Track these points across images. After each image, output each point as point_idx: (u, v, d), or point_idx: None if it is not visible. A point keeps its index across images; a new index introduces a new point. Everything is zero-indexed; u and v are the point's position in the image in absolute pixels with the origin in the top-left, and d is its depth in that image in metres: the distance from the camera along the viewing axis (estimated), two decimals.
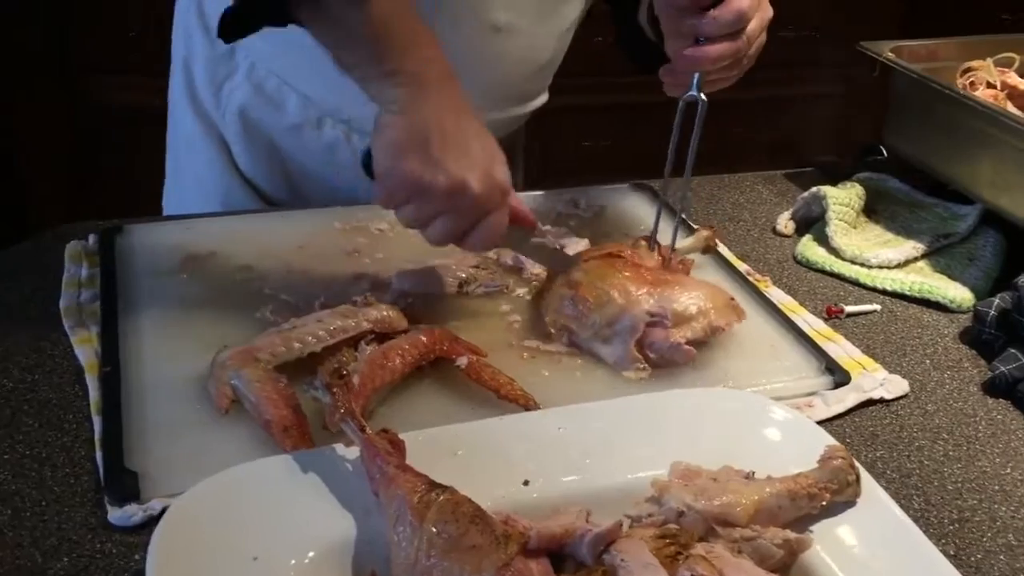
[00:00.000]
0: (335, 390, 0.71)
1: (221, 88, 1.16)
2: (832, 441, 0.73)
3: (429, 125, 0.81)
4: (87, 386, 0.85)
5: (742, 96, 0.99)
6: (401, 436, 0.70)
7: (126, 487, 0.74)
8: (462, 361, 0.86)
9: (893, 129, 1.28)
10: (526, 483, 0.70)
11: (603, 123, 2.75)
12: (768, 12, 0.91)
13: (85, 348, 0.89)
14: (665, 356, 0.89)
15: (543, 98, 1.23)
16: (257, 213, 1.12)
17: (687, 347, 0.89)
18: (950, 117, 1.17)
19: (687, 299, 0.91)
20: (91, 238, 1.05)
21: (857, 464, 0.70)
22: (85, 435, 0.80)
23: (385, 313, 0.90)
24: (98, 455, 0.77)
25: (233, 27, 0.83)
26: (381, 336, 0.88)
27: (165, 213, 1.28)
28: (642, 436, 0.75)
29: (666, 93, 0.96)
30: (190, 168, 1.23)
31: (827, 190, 1.19)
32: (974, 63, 1.21)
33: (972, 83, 1.20)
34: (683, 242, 1.05)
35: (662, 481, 0.68)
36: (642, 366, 0.89)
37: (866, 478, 0.71)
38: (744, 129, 2.64)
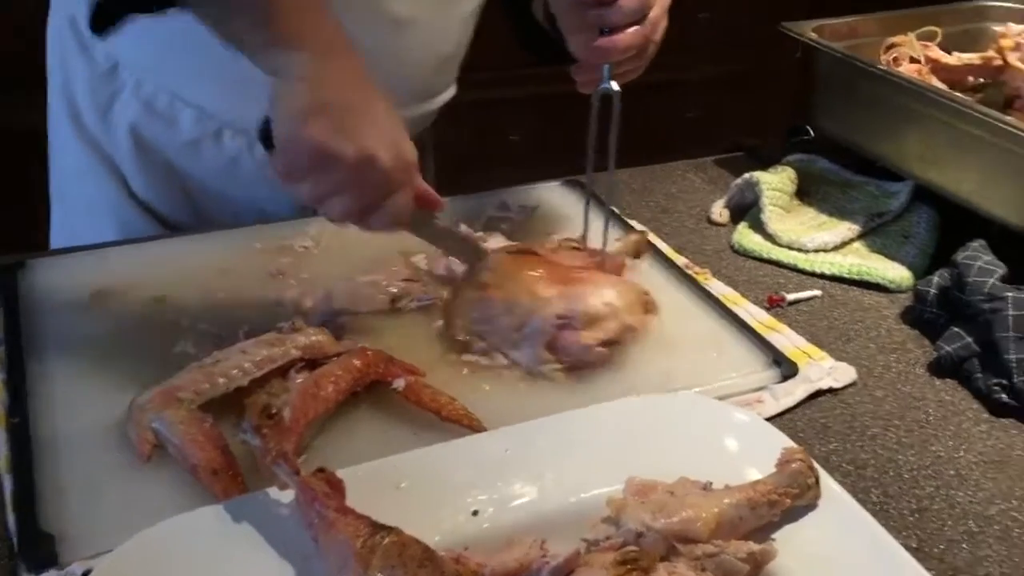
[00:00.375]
0: (264, 431, 0.66)
1: (108, 110, 1.09)
2: (789, 443, 0.71)
3: (334, 92, 0.76)
4: None
5: (652, 80, 0.97)
6: (339, 473, 0.66)
7: (42, 551, 0.68)
8: (399, 383, 0.81)
9: (819, 109, 1.27)
10: (475, 513, 0.66)
11: (527, 115, 2.73)
12: (666, 1, 0.90)
13: None
14: (578, 359, 0.87)
15: (450, 92, 1.18)
16: (171, 238, 1.06)
17: (599, 348, 0.86)
18: (876, 95, 1.16)
19: (597, 299, 0.88)
20: None
21: (816, 465, 0.68)
22: None
23: (314, 338, 0.85)
24: (10, 518, 0.71)
25: (104, 17, 0.77)
26: (312, 363, 0.84)
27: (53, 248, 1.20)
28: (592, 451, 0.71)
29: (581, 91, 0.94)
30: (80, 198, 1.15)
31: (759, 175, 1.17)
32: (897, 39, 1.20)
33: (895, 59, 1.19)
34: (612, 246, 1.02)
35: (617, 499, 0.65)
36: (556, 366, 0.86)
37: (824, 477, 0.69)
38: (663, 114, 2.64)
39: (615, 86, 0.90)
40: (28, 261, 0.99)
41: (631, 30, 0.87)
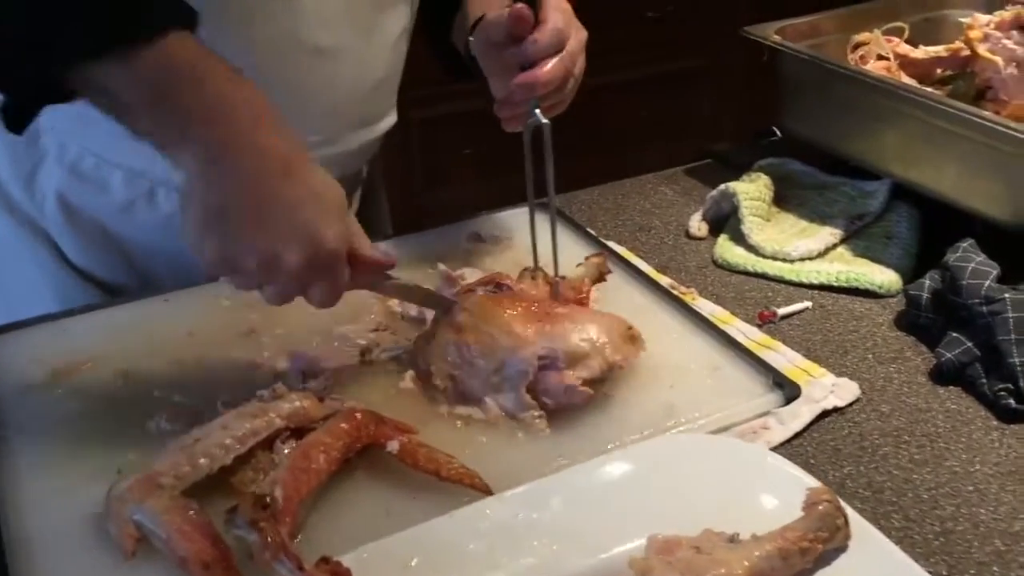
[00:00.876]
0: (261, 525, 0.61)
1: (32, 179, 1.02)
2: (810, 480, 0.68)
3: (228, 196, 0.72)
4: None
5: (602, 81, 0.96)
6: (344, 560, 0.62)
7: None
8: (393, 446, 0.77)
9: (788, 111, 1.25)
10: None
11: (476, 127, 2.69)
12: (583, 33, 0.93)
13: None
14: (561, 401, 0.82)
15: (391, 118, 1.14)
16: (131, 303, 1.00)
17: (582, 388, 0.82)
18: (847, 95, 1.14)
19: (579, 335, 0.84)
20: None
21: (843, 504, 0.65)
22: None
23: (298, 404, 0.80)
24: None
25: (16, 116, 0.72)
26: (297, 430, 0.79)
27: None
28: (608, 506, 0.68)
29: (506, 130, 0.95)
30: (13, 272, 1.08)
31: (735, 186, 1.14)
32: (862, 36, 1.19)
33: (863, 57, 1.17)
34: (574, 271, 0.99)
35: (642, 561, 0.62)
36: (538, 414, 0.82)
37: (851, 515, 0.66)
38: (617, 114, 2.62)
39: (544, 119, 0.90)
40: None
41: (551, 63, 0.89)
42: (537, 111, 0.90)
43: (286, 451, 0.77)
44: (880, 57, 1.17)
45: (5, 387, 0.88)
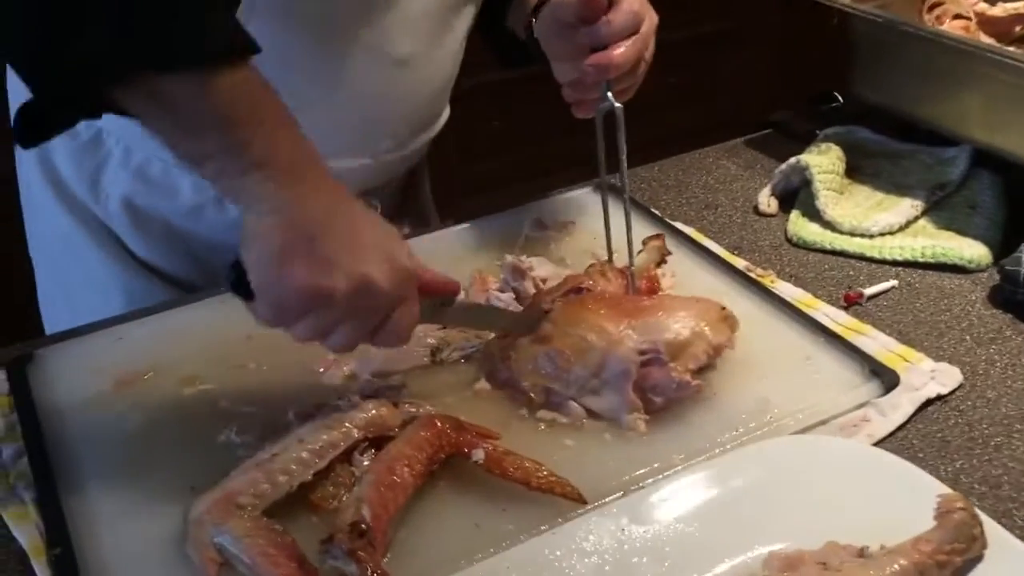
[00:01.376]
0: (360, 555, 0.57)
1: (97, 180, 0.99)
2: (936, 485, 0.63)
3: (311, 221, 0.67)
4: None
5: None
6: None
7: None
8: (478, 455, 0.73)
9: (859, 76, 1.19)
10: None
11: (501, 100, 2.62)
12: (655, 17, 0.89)
13: (23, 525, 0.73)
14: (671, 397, 0.78)
15: (446, 114, 1.10)
16: (186, 306, 0.96)
17: (695, 382, 0.78)
18: (925, 58, 1.08)
19: (676, 323, 0.80)
20: None
21: (978, 512, 0.61)
22: None
23: (374, 412, 0.76)
24: None
25: (34, 128, 0.66)
26: (375, 440, 0.76)
27: (49, 332, 1.10)
28: (719, 517, 0.64)
29: (576, 115, 0.92)
30: (75, 270, 1.05)
31: (807, 159, 1.09)
32: None
33: (939, 17, 1.11)
34: (641, 260, 0.94)
35: None
36: (642, 416, 0.78)
37: (986, 521, 0.61)
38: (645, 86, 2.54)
39: (617, 103, 0.87)
40: (36, 352, 0.90)
41: (625, 45, 0.85)
42: (609, 94, 0.87)
43: (366, 463, 0.74)
44: (957, 16, 1.10)
45: (66, 400, 0.84)
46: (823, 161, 1.08)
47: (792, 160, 1.10)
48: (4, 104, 0.95)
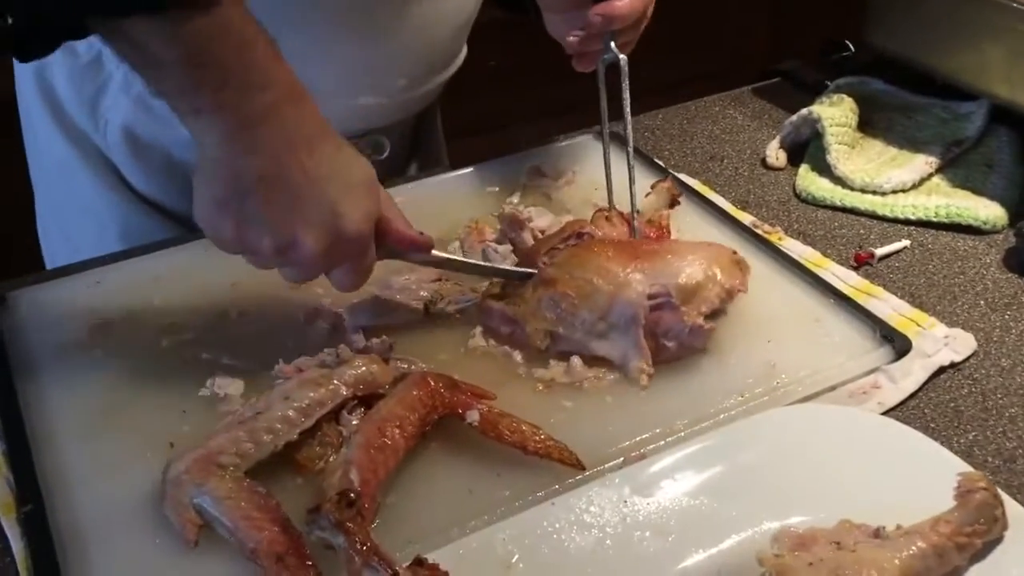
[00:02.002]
0: (349, 526, 0.54)
1: (96, 106, 0.94)
2: (961, 465, 0.60)
3: (251, 175, 0.66)
4: (5, 534, 0.66)
5: None
6: (437, 556, 0.55)
7: None
8: (473, 417, 0.69)
9: (873, 24, 1.14)
10: None
11: (496, 41, 2.54)
12: None
13: None
14: (685, 343, 0.75)
15: (463, 55, 1.06)
16: (172, 248, 0.91)
17: (708, 326, 0.75)
18: (946, 8, 1.03)
19: (687, 266, 0.77)
20: None
21: (1000, 492, 0.58)
22: None
23: (364, 369, 0.72)
24: None
25: (28, 46, 0.64)
26: (364, 398, 0.72)
27: (48, 263, 1.06)
28: (726, 490, 0.61)
29: (577, 69, 0.89)
30: (71, 200, 1.01)
31: (819, 111, 1.04)
32: None
33: None
34: (650, 203, 0.91)
35: (776, 560, 0.55)
36: (647, 367, 0.75)
37: (1005, 500, 0.59)
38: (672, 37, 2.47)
39: (622, 55, 0.85)
40: (9, 294, 0.85)
41: None
42: (612, 45, 0.84)
43: (354, 423, 0.70)
44: None
45: (38, 346, 0.80)
46: (835, 113, 1.04)
47: (803, 111, 1.06)
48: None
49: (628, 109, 0.87)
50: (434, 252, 0.78)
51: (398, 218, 0.74)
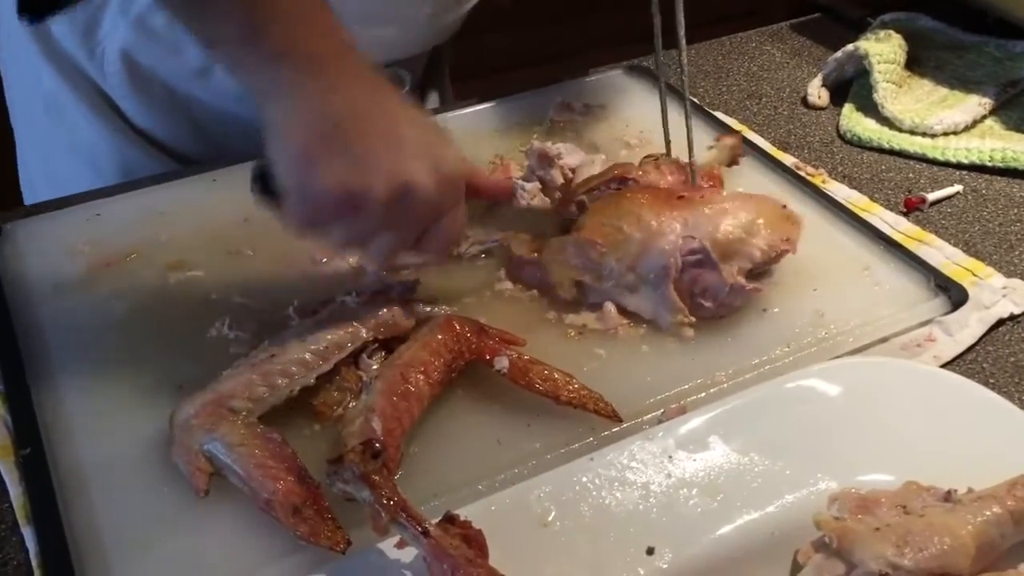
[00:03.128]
0: (375, 479, 0.49)
1: (92, 31, 0.87)
2: (1017, 412, 0.56)
3: (344, 113, 0.59)
4: (3, 478, 0.62)
5: None
6: (468, 511, 0.51)
7: None
8: (502, 363, 0.65)
9: None
10: (650, 551, 0.51)
11: None
12: None
13: None
14: (724, 302, 0.70)
15: None
16: (180, 180, 0.86)
17: (751, 286, 0.69)
18: None
19: (730, 219, 0.71)
20: None
21: None
22: (16, 559, 0.58)
23: (384, 311, 0.68)
24: None
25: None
26: (384, 342, 0.67)
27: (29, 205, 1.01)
28: (778, 447, 0.56)
29: None
30: (58, 139, 0.94)
31: (867, 46, 0.98)
32: None
33: None
34: (706, 155, 0.84)
35: (836, 523, 0.50)
36: (687, 319, 0.70)
37: None
38: None
39: None
40: (3, 226, 0.80)
41: None
42: None
43: (374, 367, 0.66)
44: None
45: (38, 282, 0.75)
46: (884, 49, 0.98)
47: (848, 47, 0.99)
48: None
49: (681, 15, 0.80)
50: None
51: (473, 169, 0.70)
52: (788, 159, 0.91)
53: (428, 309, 0.70)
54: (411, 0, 0.89)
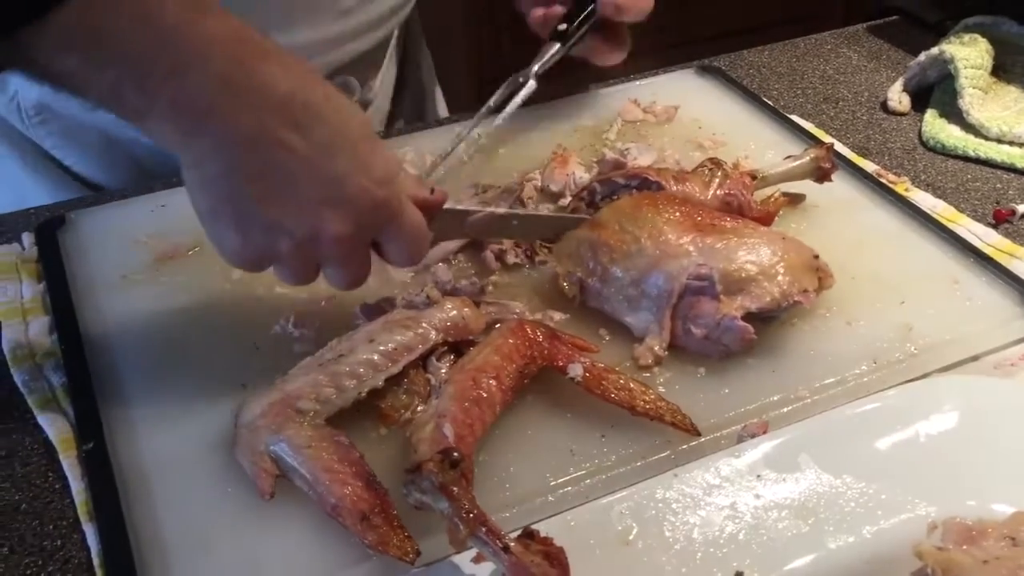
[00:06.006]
0: (454, 490, 0.47)
1: (6, 83, 0.83)
2: None
3: (226, 172, 0.54)
4: (64, 473, 0.61)
5: None
6: (547, 527, 0.48)
7: None
8: (576, 371, 0.62)
9: None
10: (739, 575, 0.49)
11: None
12: None
13: (51, 413, 0.64)
14: (711, 336, 0.65)
15: None
16: None
17: (742, 323, 0.64)
18: None
19: (747, 254, 0.66)
20: (25, 239, 0.78)
21: None
22: (77, 557, 0.56)
23: (455, 313, 0.66)
24: None
25: None
26: (453, 344, 0.65)
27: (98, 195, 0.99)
28: (874, 469, 0.53)
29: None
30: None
31: (952, 50, 0.94)
32: None
33: None
34: (782, 167, 0.78)
35: (940, 554, 0.47)
36: (659, 347, 0.65)
37: None
38: None
39: None
40: (69, 215, 0.79)
41: None
42: None
43: (443, 370, 0.63)
44: None
45: (101, 273, 0.74)
46: (970, 54, 0.94)
47: (933, 50, 0.95)
48: None
49: None
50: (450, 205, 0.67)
51: (406, 178, 0.62)
52: (869, 166, 0.87)
53: (496, 309, 0.68)
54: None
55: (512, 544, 0.45)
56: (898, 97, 0.97)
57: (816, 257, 0.69)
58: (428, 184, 0.64)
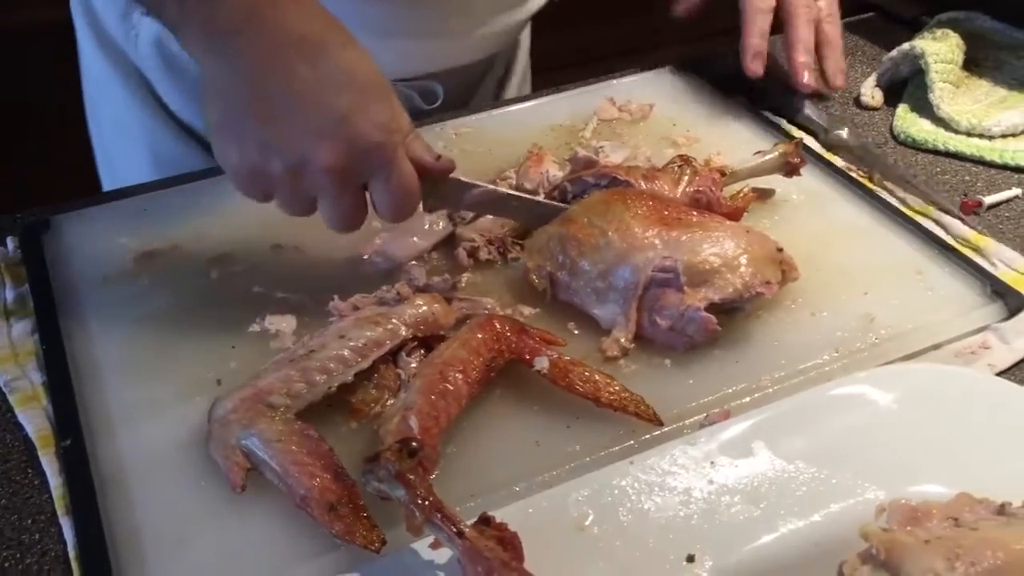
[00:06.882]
0: (410, 478, 0.49)
1: (128, 14, 0.88)
2: None
3: (235, 87, 0.60)
4: (43, 469, 0.62)
5: None
6: (504, 514, 0.50)
7: None
8: (542, 363, 0.64)
9: None
10: (690, 559, 0.50)
11: None
12: None
13: (31, 411, 0.66)
14: (676, 327, 0.66)
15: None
16: (218, 176, 0.86)
17: (705, 314, 0.65)
18: None
19: (710, 247, 0.67)
20: (9, 242, 0.80)
21: None
22: (54, 550, 0.58)
23: (425, 309, 0.67)
24: None
25: None
26: (423, 339, 0.67)
27: (104, 183, 1.02)
28: (824, 455, 0.55)
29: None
30: (109, 116, 0.96)
31: (923, 45, 0.95)
32: None
33: None
34: (751, 163, 0.80)
35: (884, 535, 0.48)
36: (625, 340, 0.67)
37: None
38: None
39: None
40: (53, 218, 0.81)
41: None
42: None
43: (413, 365, 0.65)
44: None
45: (83, 274, 0.76)
46: (941, 49, 0.95)
47: (904, 46, 0.97)
48: None
49: None
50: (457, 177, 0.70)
51: (415, 141, 0.66)
52: (839, 161, 0.88)
53: (467, 307, 0.70)
54: (442, 9, 0.87)
55: (466, 529, 0.47)
56: (871, 92, 0.98)
57: (780, 250, 0.70)
58: (435, 152, 0.67)
